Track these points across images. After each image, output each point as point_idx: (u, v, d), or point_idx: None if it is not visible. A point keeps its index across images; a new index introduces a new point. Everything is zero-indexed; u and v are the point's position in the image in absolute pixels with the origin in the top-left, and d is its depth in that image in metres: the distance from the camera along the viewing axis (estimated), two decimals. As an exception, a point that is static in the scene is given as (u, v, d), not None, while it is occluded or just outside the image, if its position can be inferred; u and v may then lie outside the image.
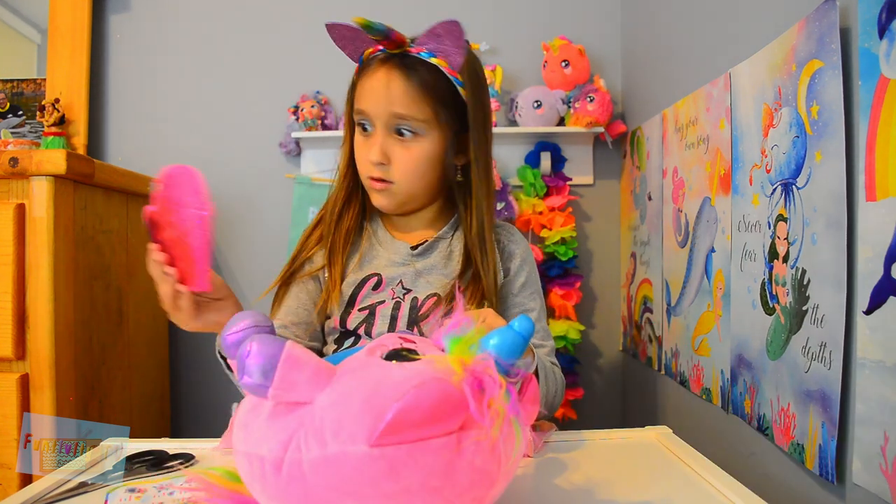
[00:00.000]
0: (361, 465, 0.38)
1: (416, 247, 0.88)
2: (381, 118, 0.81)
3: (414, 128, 0.81)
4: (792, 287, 0.79)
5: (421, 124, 0.81)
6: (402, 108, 0.80)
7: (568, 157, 1.60)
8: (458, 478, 0.40)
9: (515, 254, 0.91)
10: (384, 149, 0.82)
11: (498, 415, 0.41)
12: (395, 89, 0.80)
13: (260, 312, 0.48)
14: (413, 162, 0.82)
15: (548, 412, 0.84)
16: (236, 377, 0.41)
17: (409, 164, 0.82)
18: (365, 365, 0.44)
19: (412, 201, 0.87)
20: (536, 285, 0.93)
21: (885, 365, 0.62)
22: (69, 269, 1.11)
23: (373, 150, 0.81)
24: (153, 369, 1.47)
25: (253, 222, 1.64)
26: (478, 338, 0.45)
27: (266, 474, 0.40)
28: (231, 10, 1.65)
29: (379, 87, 0.80)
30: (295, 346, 0.40)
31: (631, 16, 1.57)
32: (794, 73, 0.79)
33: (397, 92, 0.80)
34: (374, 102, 0.81)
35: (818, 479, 0.74)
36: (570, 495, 0.58)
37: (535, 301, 0.91)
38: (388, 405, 0.38)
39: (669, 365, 1.25)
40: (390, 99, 0.80)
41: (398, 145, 0.82)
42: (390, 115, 0.81)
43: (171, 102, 1.65)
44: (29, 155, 1.04)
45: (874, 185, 0.64)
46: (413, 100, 0.80)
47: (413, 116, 0.81)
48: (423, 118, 0.81)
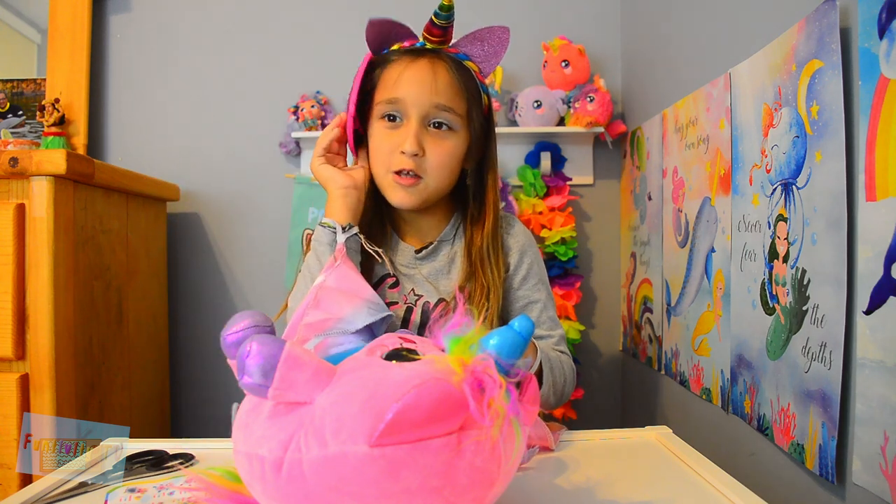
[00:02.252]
0: (361, 465, 0.38)
1: (419, 250, 0.88)
2: (421, 108, 0.80)
3: (451, 122, 0.81)
4: (792, 287, 0.79)
5: (458, 119, 0.82)
6: (446, 100, 0.80)
7: (568, 157, 1.60)
8: (458, 478, 0.40)
9: (513, 248, 0.90)
10: (419, 139, 0.80)
11: (498, 415, 0.41)
12: (441, 80, 0.80)
13: (260, 312, 0.48)
14: (447, 156, 0.82)
15: (557, 402, 0.84)
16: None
17: (442, 157, 0.81)
18: (365, 365, 0.44)
19: (434, 198, 0.86)
20: (540, 275, 0.91)
21: (885, 365, 0.62)
22: (69, 269, 1.11)
23: (408, 141, 0.79)
24: (153, 369, 1.47)
25: (253, 222, 1.64)
26: (478, 338, 0.45)
27: (266, 474, 0.40)
28: (231, 11, 1.65)
29: (424, 76, 0.80)
30: (295, 347, 0.40)
31: (631, 16, 1.57)
32: (794, 73, 0.79)
33: (443, 83, 0.80)
34: (418, 91, 0.79)
35: (818, 479, 0.74)
36: (570, 495, 0.58)
37: (540, 291, 0.90)
38: (388, 405, 0.38)
39: (669, 365, 1.25)
40: (436, 89, 0.79)
41: (432, 138, 0.81)
42: (432, 106, 0.80)
43: (171, 102, 1.65)
44: (29, 155, 1.04)
45: (874, 185, 0.64)
46: (456, 93, 0.81)
47: (453, 109, 0.81)
48: (461, 113, 0.82)
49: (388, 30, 0.82)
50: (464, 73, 0.83)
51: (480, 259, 0.85)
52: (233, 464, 0.45)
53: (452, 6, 0.77)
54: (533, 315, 0.88)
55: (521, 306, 0.89)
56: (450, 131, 0.82)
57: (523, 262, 0.90)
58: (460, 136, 0.83)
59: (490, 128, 0.88)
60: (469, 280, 0.85)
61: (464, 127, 0.83)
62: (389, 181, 0.83)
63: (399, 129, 0.81)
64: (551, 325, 0.89)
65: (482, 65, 0.86)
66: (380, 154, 0.83)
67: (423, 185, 0.82)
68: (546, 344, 0.86)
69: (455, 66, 0.82)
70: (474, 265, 0.85)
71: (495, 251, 0.86)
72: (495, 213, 0.88)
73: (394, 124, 0.82)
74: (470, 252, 0.86)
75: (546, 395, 0.79)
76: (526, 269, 0.90)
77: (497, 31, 0.83)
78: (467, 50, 0.84)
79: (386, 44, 0.84)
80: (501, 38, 0.83)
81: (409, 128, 0.80)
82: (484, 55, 0.85)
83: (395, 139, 0.81)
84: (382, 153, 0.82)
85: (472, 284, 0.84)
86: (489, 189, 0.88)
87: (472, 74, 0.84)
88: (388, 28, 0.82)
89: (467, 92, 0.83)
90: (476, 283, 0.84)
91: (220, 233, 1.65)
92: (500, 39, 0.84)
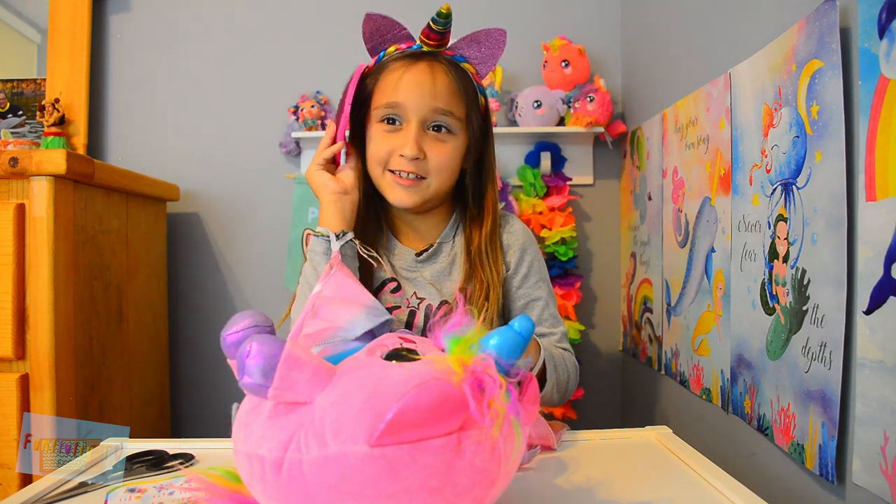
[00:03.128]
0: (361, 465, 0.38)
1: (420, 253, 0.88)
2: (420, 112, 0.80)
3: (450, 125, 0.81)
4: (792, 287, 0.79)
5: (457, 122, 0.82)
6: (445, 104, 0.80)
7: (568, 157, 1.60)
8: (458, 478, 0.40)
9: (513, 246, 0.90)
10: (420, 143, 0.80)
11: (498, 415, 0.41)
12: (440, 84, 0.80)
13: (260, 312, 0.48)
14: (447, 158, 0.82)
15: (560, 400, 0.84)
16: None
17: (444, 159, 0.82)
18: (365, 365, 0.44)
19: (435, 199, 0.86)
20: (541, 273, 0.91)
21: (885, 365, 0.62)
22: (69, 269, 1.11)
23: (408, 145, 0.79)
24: (153, 369, 1.47)
25: (253, 222, 1.64)
26: (478, 338, 0.45)
27: (266, 474, 0.40)
28: (231, 11, 1.65)
29: (423, 80, 0.80)
30: (295, 346, 0.40)
31: (631, 16, 1.57)
32: (794, 73, 0.79)
33: (442, 87, 0.80)
34: (418, 95, 0.79)
35: (818, 479, 0.74)
36: (570, 495, 0.58)
37: (542, 289, 0.90)
38: (388, 405, 0.38)
39: (669, 365, 1.25)
40: (435, 93, 0.80)
41: (432, 141, 0.81)
42: (432, 110, 0.80)
43: (171, 102, 1.65)
44: (29, 155, 1.04)
45: (874, 185, 0.64)
46: (455, 96, 0.81)
47: (453, 113, 0.81)
48: (460, 116, 0.82)
49: (384, 26, 0.82)
50: (462, 75, 0.83)
51: (479, 258, 0.85)
52: (233, 464, 0.45)
53: (450, 13, 0.78)
54: (535, 313, 0.88)
55: (522, 304, 0.89)
56: (449, 134, 0.82)
57: (524, 260, 0.90)
58: (459, 139, 0.83)
59: (488, 128, 0.88)
60: (469, 280, 0.85)
61: (462, 129, 0.84)
62: (389, 180, 0.82)
63: (398, 133, 0.81)
64: (553, 322, 0.89)
65: (479, 66, 0.86)
66: (378, 154, 0.82)
67: (426, 185, 0.82)
68: (549, 341, 0.86)
69: (453, 69, 0.82)
70: (474, 264, 0.85)
71: (494, 250, 0.86)
72: (494, 213, 0.88)
73: (393, 127, 0.82)
74: (469, 251, 0.86)
75: (549, 392, 0.80)
76: (527, 268, 0.89)
77: (494, 33, 0.83)
78: (464, 52, 0.84)
79: (382, 42, 0.84)
80: (498, 39, 0.83)
81: (408, 131, 0.80)
82: (481, 57, 0.85)
83: (395, 141, 0.81)
84: (381, 153, 0.82)
85: (473, 284, 0.84)
86: (488, 188, 0.88)
87: (470, 76, 0.84)
88: (385, 25, 0.82)
89: (466, 95, 0.83)
90: (476, 282, 0.84)
91: (220, 233, 1.65)
92: (496, 41, 0.84)
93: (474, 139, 0.86)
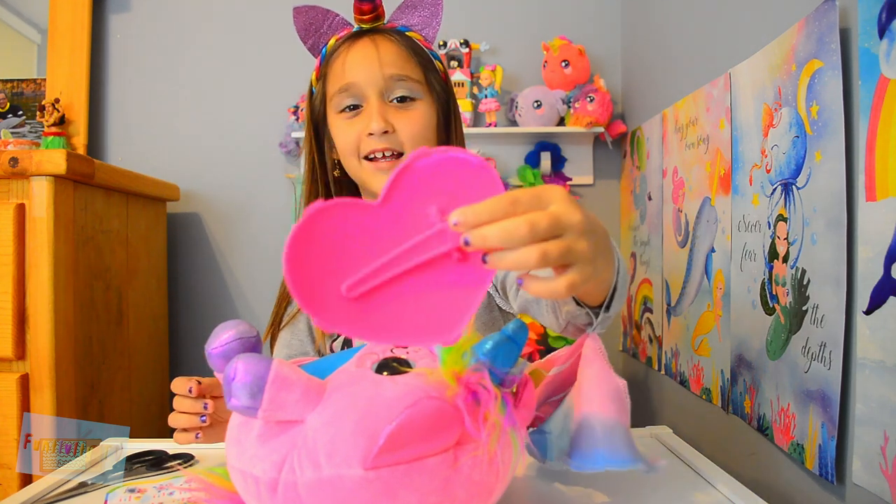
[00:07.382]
0: (357, 488, 0.37)
1: None
2: (375, 85, 0.75)
3: (412, 90, 0.76)
4: (792, 287, 0.79)
5: (417, 86, 0.77)
6: (398, 69, 0.75)
7: (568, 157, 1.60)
8: (457, 493, 0.40)
9: None
10: (384, 116, 0.75)
11: (494, 427, 0.40)
12: (385, 52, 0.76)
13: (244, 322, 0.46)
14: (419, 124, 0.76)
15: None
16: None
17: (415, 126, 0.76)
18: (356, 380, 0.42)
19: None
20: None
21: (885, 365, 0.62)
22: (69, 269, 1.11)
23: (373, 120, 0.74)
24: (153, 369, 1.47)
25: (253, 222, 1.64)
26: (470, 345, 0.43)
27: (261, 494, 0.39)
28: (231, 11, 1.65)
29: (368, 52, 0.76)
30: (282, 365, 0.39)
31: (631, 16, 1.57)
32: (794, 73, 0.78)
33: (388, 55, 0.76)
34: (366, 70, 0.75)
35: (818, 479, 0.74)
36: (570, 496, 0.58)
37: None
38: (381, 426, 0.37)
39: (669, 365, 1.25)
40: (383, 62, 0.75)
41: (397, 111, 0.75)
42: (386, 79, 0.75)
43: (170, 102, 1.65)
44: (29, 155, 1.04)
45: (874, 185, 0.64)
46: (406, 60, 0.77)
47: (409, 76, 0.76)
48: (418, 79, 0.77)
49: (316, 18, 0.79)
50: (408, 42, 0.78)
51: None
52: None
53: None
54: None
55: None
56: (413, 101, 0.77)
57: None
58: (426, 103, 0.78)
59: (450, 97, 0.83)
60: None
61: (426, 93, 0.78)
62: (367, 169, 0.77)
63: (361, 115, 0.76)
64: None
65: (424, 31, 0.80)
66: (347, 145, 0.77)
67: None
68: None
69: (397, 36, 0.78)
70: None
71: None
72: None
73: (354, 112, 0.77)
74: None
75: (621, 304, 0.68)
76: None
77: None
78: (404, 21, 0.80)
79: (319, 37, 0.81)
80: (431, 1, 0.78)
81: (370, 108, 0.75)
82: (423, 21, 0.80)
83: (359, 125, 0.76)
84: (349, 143, 0.77)
85: None
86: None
87: (417, 42, 0.79)
88: (317, 16, 0.79)
89: (417, 56, 0.78)
90: None
91: (220, 233, 1.65)
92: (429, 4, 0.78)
93: (441, 104, 0.81)
